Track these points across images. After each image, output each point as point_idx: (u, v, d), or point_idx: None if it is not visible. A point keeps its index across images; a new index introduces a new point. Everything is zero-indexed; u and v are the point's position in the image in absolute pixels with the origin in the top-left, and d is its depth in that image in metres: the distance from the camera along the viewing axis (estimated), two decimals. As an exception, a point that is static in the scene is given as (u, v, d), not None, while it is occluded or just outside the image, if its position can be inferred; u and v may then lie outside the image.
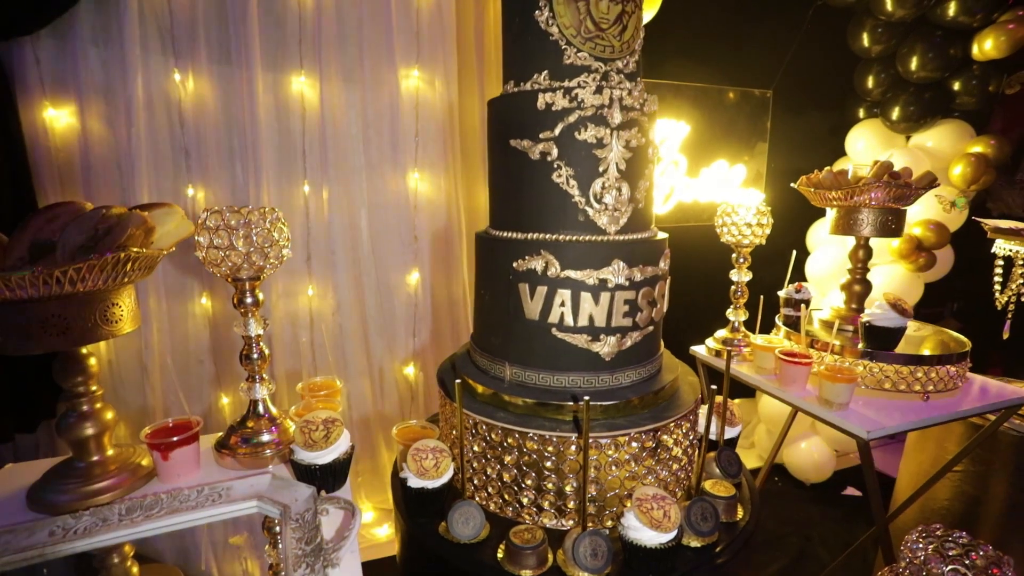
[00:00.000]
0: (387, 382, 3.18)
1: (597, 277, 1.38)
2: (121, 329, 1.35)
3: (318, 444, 1.36)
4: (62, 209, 1.28)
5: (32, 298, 1.18)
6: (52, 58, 2.40)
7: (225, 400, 2.88)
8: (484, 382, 1.54)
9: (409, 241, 3.10)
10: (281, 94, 2.77)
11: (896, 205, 2.04)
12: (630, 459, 1.40)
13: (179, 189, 2.65)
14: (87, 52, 2.42)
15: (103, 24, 2.43)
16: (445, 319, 3.26)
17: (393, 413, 3.20)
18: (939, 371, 1.92)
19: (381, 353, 3.12)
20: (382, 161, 2.98)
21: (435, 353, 3.25)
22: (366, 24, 2.80)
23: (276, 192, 2.80)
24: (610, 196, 1.40)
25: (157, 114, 2.56)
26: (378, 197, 3.00)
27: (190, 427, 1.45)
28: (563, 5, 1.36)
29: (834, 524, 3.38)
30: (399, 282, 3.12)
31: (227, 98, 2.66)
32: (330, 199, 2.90)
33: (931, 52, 3.24)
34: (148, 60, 2.49)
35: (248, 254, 1.39)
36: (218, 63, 2.63)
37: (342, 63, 2.82)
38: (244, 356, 1.52)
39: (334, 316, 3.02)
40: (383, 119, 2.94)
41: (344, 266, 2.98)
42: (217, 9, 2.58)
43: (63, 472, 1.38)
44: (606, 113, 1.35)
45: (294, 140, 2.81)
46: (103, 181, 2.49)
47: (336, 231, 2.93)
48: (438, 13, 2.93)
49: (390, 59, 2.87)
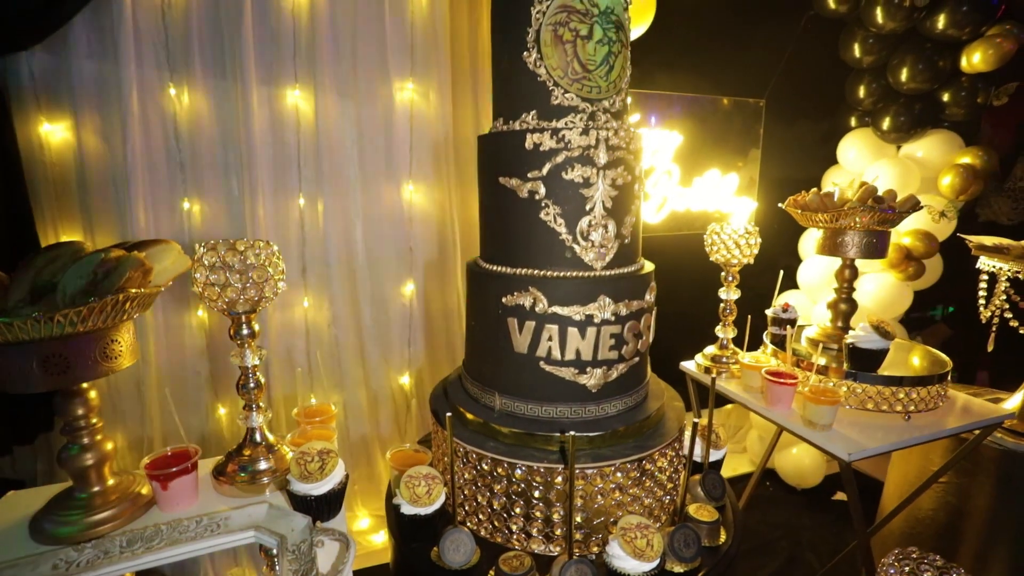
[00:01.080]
0: (382, 392, 3.22)
1: (584, 313, 1.42)
2: (121, 364, 1.39)
3: (313, 476, 1.40)
4: (62, 250, 1.31)
5: (34, 339, 1.22)
6: (48, 73, 2.41)
7: (222, 411, 2.92)
8: (474, 411, 1.59)
9: (404, 252, 3.14)
10: (276, 107, 2.79)
11: (881, 228, 2.08)
12: (615, 488, 1.45)
13: (175, 203, 2.68)
14: (82, 67, 2.44)
15: (98, 39, 2.45)
16: (440, 330, 3.31)
17: (388, 423, 3.25)
18: (920, 391, 1.97)
19: (376, 363, 3.17)
20: (377, 173, 3.01)
21: (430, 363, 3.30)
22: (360, 37, 2.83)
23: (272, 205, 2.83)
24: (596, 233, 1.44)
25: (152, 128, 2.58)
26: (373, 209, 3.03)
27: (188, 456, 1.50)
28: (550, 47, 1.40)
29: (824, 529, 3.44)
30: (394, 293, 3.16)
31: (222, 112, 2.68)
32: (325, 211, 2.93)
33: (921, 64, 3.28)
34: (143, 75, 2.51)
35: (244, 289, 1.43)
36: (213, 77, 2.66)
37: (337, 76, 2.84)
38: (240, 385, 1.57)
39: (330, 328, 3.06)
40: (378, 131, 2.97)
41: (339, 278, 3.01)
42: (212, 24, 2.60)
43: (65, 503, 1.42)
44: (592, 153, 1.40)
45: (289, 153, 2.84)
46: (99, 195, 2.52)
47: (331, 243, 2.96)
48: (432, 26, 2.96)
49: (384, 72, 2.90)
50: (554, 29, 1.39)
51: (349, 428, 3.16)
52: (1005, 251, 2.34)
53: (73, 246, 1.33)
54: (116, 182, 2.53)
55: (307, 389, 3.01)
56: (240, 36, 2.59)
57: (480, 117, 3.20)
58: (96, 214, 2.53)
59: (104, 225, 2.54)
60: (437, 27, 2.97)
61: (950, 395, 2.15)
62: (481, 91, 3.20)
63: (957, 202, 3.45)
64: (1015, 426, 2.42)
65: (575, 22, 1.39)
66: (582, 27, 1.39)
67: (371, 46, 2.86)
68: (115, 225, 2.55)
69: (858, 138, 3.67)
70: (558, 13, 1.39)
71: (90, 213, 2.52)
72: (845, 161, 3.76)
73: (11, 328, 1.17)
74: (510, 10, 1.45)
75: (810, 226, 2.26)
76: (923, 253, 3.41)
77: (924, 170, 3.53)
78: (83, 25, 2.39)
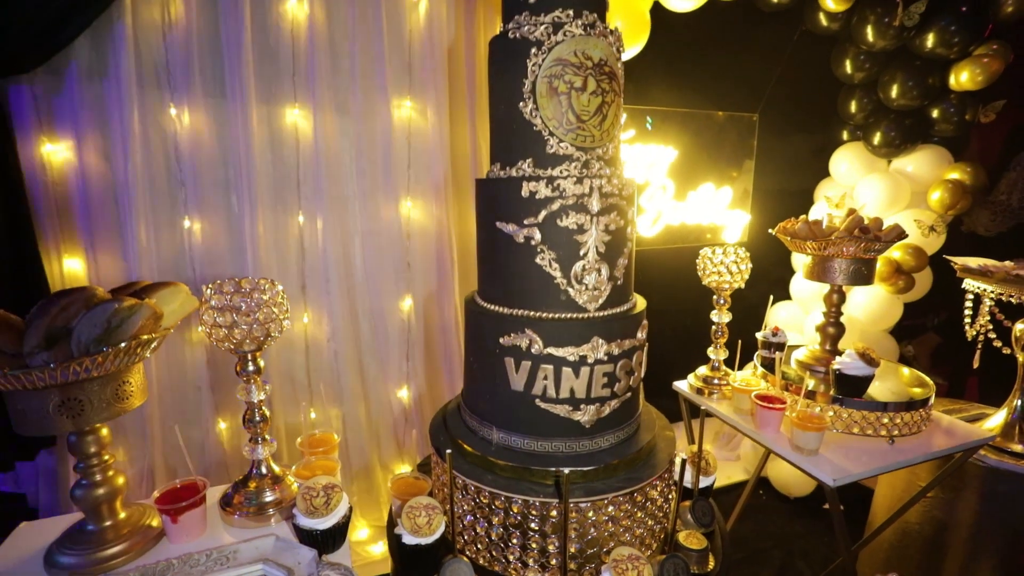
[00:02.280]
0: (381, 406, 3.29)
1: (578, 354, 1.49)
2: (132, 404, 1.45)
3: (319, 511, 1.47)
4: (75, 296, 1.37)
5: (49, 385, 1.28)
6: (50, 94, 2.46)
7: (223, 425, 2.98)
8: (473, 443, 1.66)
9: (402, 268, 3.20)
10: (275, 126, 2.84)
11: (867, 256, 2.16)
12: (608, 520, 1.52)
13: (175, 221, 2.73)
14: (83, 88, 2.49)
15: (99, 60, 2.49)
16: (438, 343, 3.37)
17: (387, 436, 3.31)
18: (904, 416, 2.05)
19: (375, 377, 3.23)
20: (375, 190, 3.06)
21: (428, 376, 3.37)
22: (358, 56, 2.87)
23: (271, 222, 2.88)
24: (590, 277, 1.51)
25: (153, 147, 2.62)
26: (372, 225, 3.09)
27: (197, 489, 1.56)
28: (546, 98, 1.46)
29: (815, 538, 3.53)
30: (392, 308, 3.22)
31: (222, 131, 2.73)
32: (324, 228, 2.98)
33: (911, 81, 3.34)
34: (144, 95, 2.56)
35: (251, 330, 1.50)
36: (213, 96, 2.70)
37: (335, 94, 2.89)
38: (247, 419, 1.63)
39: (329, 342, 3.12)
40: (376, 149, 3.02)
41: (338, 293, 3.07)
42: (211, 44, 2.64)
43: (77, 536, 1.49)
44: (586, 201, 1.46)
45: (288, 171, 2.89)
46: (100, 214, 2.56)
47: (331, 259, 3.02)
48: (429, 45, 3.01)
49: (382, 90, 2.95)
50: (549, 81, 1.45)
51: (348, 441, 3.22)
52: (989, 274, 2.42)
53: (86, 292, 1.39)
54: (117, 201, 2.58)
55: (307, 403, 3.08)
56: (240, 56, 2.63)
57: (476, 133, 3.25)
58: (97, 232, 2.57)
59: (105, 243, 2.59)
60: (434, 45, 3.02)
61: (934, 417, 2.23)
62: (478, 107, 3.25)
63: (946, 216, 3.53)
64: (998, 443, 2.50)
65: (570, 75, 1.45)
66: (576, 79, 1.45)
67: (369, 64, 2.91)
68: (116, 243, 2.60)
69: (850, 152, 3.74)
70: (554, 66, 1.44)
71: (92, 231, 2.57)
72: (837, 174, 3.83)
73: (29, 376, 1.23)
74: (507, 61, 1.51)
75: (799, 252, 2.33)
76: (913, 267, 3.49)
77: (914, 184, 3.60)
78: (84, 47, 2.44)
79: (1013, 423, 2.51)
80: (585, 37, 1.45)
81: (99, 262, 2.61)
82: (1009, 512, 2.46)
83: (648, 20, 2.96)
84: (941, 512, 2.64)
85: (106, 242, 2.60)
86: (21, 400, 1.30)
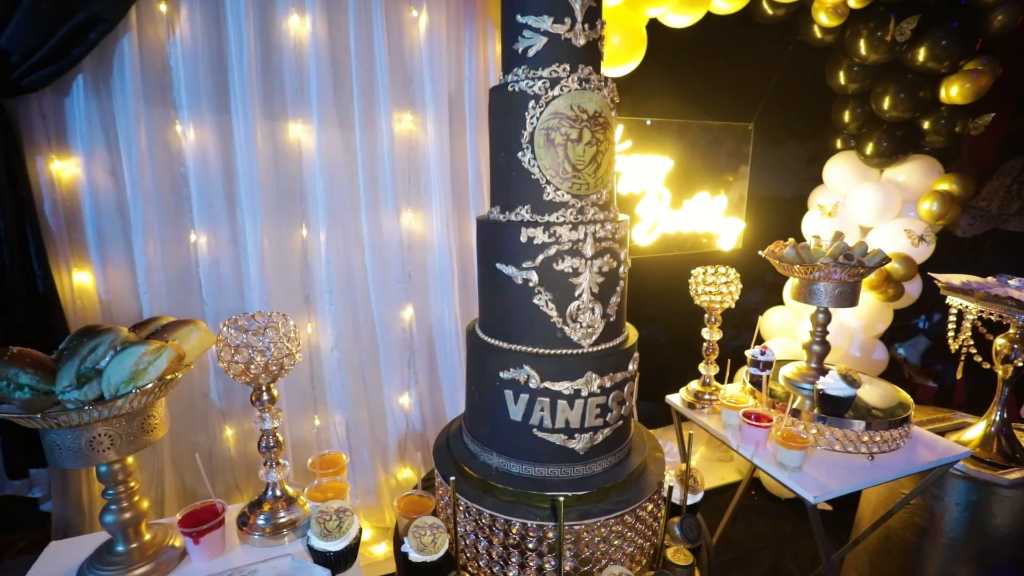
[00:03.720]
0: (383, 411, 3.42)
1: (572, 388, 1.62)
2: (156, 436, 1.58)
3: (332, 534, 1.60)
4: (102, 338, 1.49)
5: (82, 423, 1.40)
6: (57, 112, 2.55)
7: (229, 432, 3.11)
8: (474, 467, 1.80)
9: (403, 277, 3.31)
10: (279, 141, 2.93)
11: (851, 280, 2.28)
12: (600, 541, 1.65)
13: (182, 235, 2.83)
14: (91, 106, 2.57)
15: (105, 79, 2.58)
16: (438, 351, 3.49)
17: (389, 440, 3.45)
18: (883, 434, 2.18)
19: (377, 384, 3.36)
20: (376, 202, 3.16)
21: (428, 383, 3.49)
22: (360, 72, 2.96)
23: (276, 235, 2.98)
24: (584, 316, 1.63)
25: (159, 164, 2.72)
26: (373, 236, 3.19)
27: (216, 511, 1.69)
28: (543, 149, 1.57)
29: (805, 538, 3.68)
30: (394, 317, 3.33)
31: (227, 147, 2.82)
32: (327, 240, 3.08)
33: (902, 93, 3.44)
34: (150, 113, 2.65)
35: (267, 365, 1.62)
36: (217, 113, 2.78)
37: (337, 110, 2.98)
38: (261, 445, 1.76)
39: (332, 351, 3.24)
40: (377, 162, 3.12)
41: (341, 303, 3.18)
42: (216, 63, 2.72)
43: (106, 557, 1.62)
44: (581, 247, 1.58)
45: (292, 184, 2.99)
46: (108, 229, 2.67)
47: (334, 270, 3.12)
48: (429, 59, 3.09)
49: (383, 105, 3.04)
50: (547, 133, 1.56)
51: (351, 446, 3.35)
52: (970, 292, 2.54)
53: (111, 334, 1.50)
54: (124, 216, 2.67)
55: (311, 410, 3.21)
56: (243, 74, 2.71)
57: (475, 144, 3.34)
58: (106, 246, 2.67)
59: (114, 258, 2.69)
60: (434, 60, 3.10)
61: (914, 433, 2.36)
62: (477, 119, 3.34)
63: (935, 226, 3.64)
64: (978, 453, 2.64)
65: (566, 127, 1.56)
66: (572, 131, 1.56)
67: (370, 82, 2.99)
68: (125, 258, 2.70)
69: (843, 160, 3.85)
70: (551, 119, 1.55)
71: (101, 246, 2.66)
72: (831, 182, 3.94)
73: (68, 417, 1.35)
74: (507, 112, 1.61)
75: (787, 275, 2.45)
76: (903, 276, 3.62)
77: (905, 194, 3.72)
78: (91, 66, 2.52)
79: (991, 436, 2.65)
80: (580, 91, 1.56)
81: (108, 276, 2.70)
82: (986, 521, 2.60)
83: (644, 36, 3.05)
84: (922, 519, 2.78)
85: (115, 256, 2.70)
86: (57, 436, 1.42)
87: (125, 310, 2.72)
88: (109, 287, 2.71)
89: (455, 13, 3.13)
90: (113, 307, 2.70)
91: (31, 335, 2.37)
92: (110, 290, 2.71)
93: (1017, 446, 2.66)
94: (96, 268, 2.68)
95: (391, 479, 3.49)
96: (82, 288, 2.69)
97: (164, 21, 2.62)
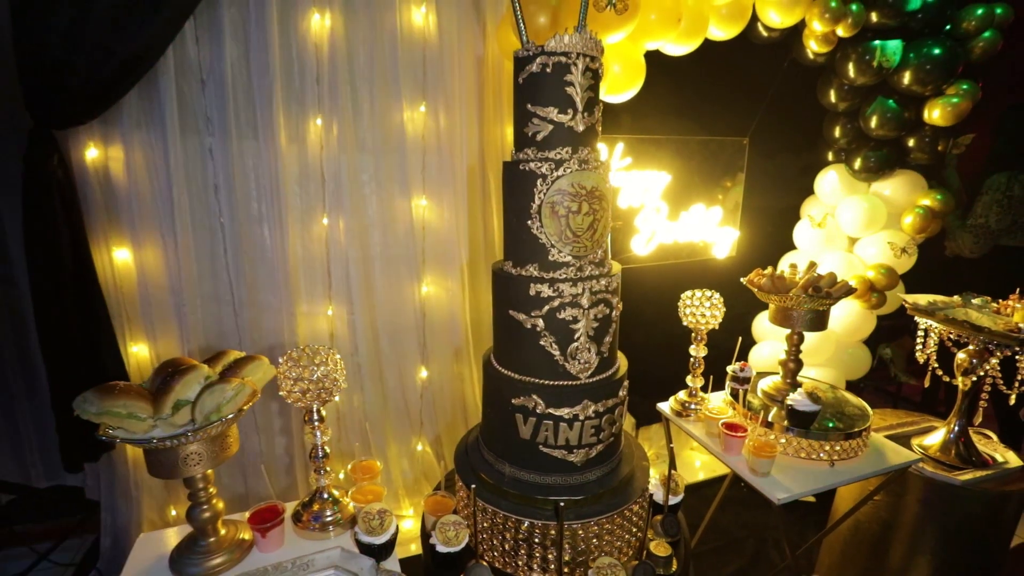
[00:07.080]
0: (398, 389, 3.83)
1: (571, 413, 2.07)
2: (232, 451, 2.03)
3: (375, 531, 2.06)
4: (192, 376, 1.93)
5: (181, 444, 1.86)
6: (103, 140, 2.93)
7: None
8: (490, 474, 2.26)
9: (417, 264, 3.67)
10: (305, 156, 3.29)
11: (821, 307, 2.71)
12: (594, 537, 2.12)
13: (215, 250, 3.25)
14: (132, 136, 2.97)
15: (146, 110, 2.96)
16: (447, 331, 3.87)
17: (403, 417, 3.88)
18: (843, 444, 2.63)
19: (392, 364, 3.77)
20: (392, 191, 3.52)
21: (439, 363, 3.89)
22: (377, 73, 3.33)
23: (300, 226, 3.36)
24: (582, 354, 2.07)
25: (194, 182, 3.12)
26: (389, 224, 3.56)
27: (277, 511, 2.15)
28: (549, 219, 1.99)
29: (788, 528, 4.17)
30: (407, 301, 3.71)
31: (257, 162, 3.19)
32: (346, 228, 3.45)
33: (889, 114, 3.82)
34: (186, 139, 3.05)
35: (319, 393, 2.06)
36: (249, 139, 3.15)
37: (356, 113, 3.36)
38: (311, 455, 2.22)
39: (350, 332, 3.63)
40: (393, 154, 3.47)
41: (358, 288, 3.56)
42: (245, 91, 3.09)
43: (191, 548, 2.08)
44: (579, 299, 2.01)
45: (314, 187, 3.36)
46: (148, 235, 3.10)
47: (352, 256, 3.50)
48: (440, 51, 3.43)
49: (398, 98, 3.41)
50: (552, 206, 1.98)
51: (368, 424, 3.75)
52: (932, 313, 2.96)
53: (199, 371, 1.95)
54: (163, 228, 3.09)
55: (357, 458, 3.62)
56: (271, 100, 3.09)
57: (482, 133, 3.70)
58: (142, 235, 3.10)
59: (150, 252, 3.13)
60: (445, 52, 3.44)
61: (871, 442, 2.81)
62: (485, 110, 3.69)
63: (917, 239, 4.06)
64: (938, 456, 3.09)
65: (568, 201, 1.98)
66: (573, 204, 1.98)
67: (387, 80, 3.36)
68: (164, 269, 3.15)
69: (834, 173, 4.25)
70: (555, 195, 1.97)
71: (138, 247, 3.10)
72: (821, 194, 4.34)
73: (174, 440, 1.80)
74: (519, 187, 2.03)
75: (765, 301, 2.88)
76: (885, 286, 4.04)
77: (891, 207, 4.12)
78: (133, 99, 2.90)
79: (951, 442, 3.09)
80: (580, 171, 1.98)
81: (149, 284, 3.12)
82: (943, 516, 3.06)
83: (643, 65, 3.42)
84: (887, 513, 3.25)
85: (150, 248, 3.13)
86: (160, 454, 1.88)
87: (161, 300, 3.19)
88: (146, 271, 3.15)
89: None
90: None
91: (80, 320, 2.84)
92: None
93: (973, 450, 3.10)
94: (139, 275, 3.10)
95: (404, 448, 3.96)
96: (124, 267, 3.11)
97: (195, 51, 2.98)
